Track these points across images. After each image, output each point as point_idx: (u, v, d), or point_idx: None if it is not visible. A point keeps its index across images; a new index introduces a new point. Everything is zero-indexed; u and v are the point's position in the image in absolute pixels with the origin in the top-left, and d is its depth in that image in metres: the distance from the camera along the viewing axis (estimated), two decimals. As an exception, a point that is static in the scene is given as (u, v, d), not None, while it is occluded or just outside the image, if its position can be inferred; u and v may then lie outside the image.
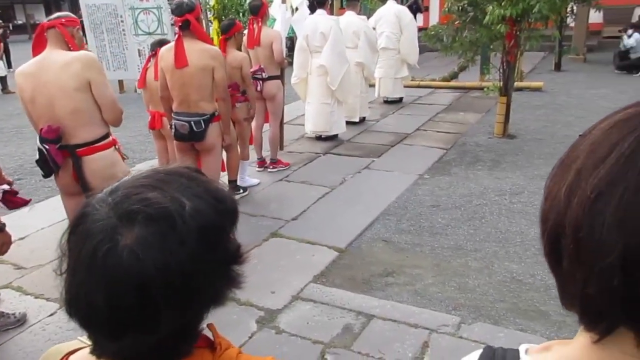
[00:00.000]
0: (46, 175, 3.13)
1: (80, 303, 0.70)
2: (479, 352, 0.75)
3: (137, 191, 0.72)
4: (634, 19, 11.91)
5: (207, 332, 0.84)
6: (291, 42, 9.02)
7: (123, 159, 3.24)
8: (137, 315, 0.68)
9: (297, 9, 6.06)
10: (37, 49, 3.01)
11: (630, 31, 10.21)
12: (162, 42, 4.38)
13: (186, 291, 0.70)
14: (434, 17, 14.33)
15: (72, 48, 2.97)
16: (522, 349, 0.74)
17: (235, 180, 4.93)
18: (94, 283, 0.68)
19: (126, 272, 0.67)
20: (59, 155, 2.97)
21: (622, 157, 0.56)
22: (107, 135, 3.08)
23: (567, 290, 0.62)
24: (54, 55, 2.90)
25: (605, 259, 0.55)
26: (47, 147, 2.94)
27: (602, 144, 0.59)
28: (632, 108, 0.62)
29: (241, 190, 4.99)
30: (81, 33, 3.15)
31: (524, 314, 3.07)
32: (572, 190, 0.59)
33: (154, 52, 4.42)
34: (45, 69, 2.88)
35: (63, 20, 2.99)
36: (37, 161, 3.06)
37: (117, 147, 3.18)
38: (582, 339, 0.65)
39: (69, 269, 0.72)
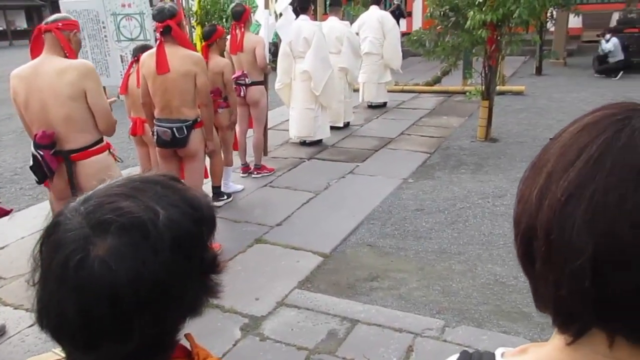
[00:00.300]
0: (40, 181, 3.13)
1: (52, 314, 0.69)
2: (455, 356, 0.75)
3: (110, 200, 0.71)
4: (612, 24, 12.13)
5: (185, 342, 0.83)
6: (275, 47, 9.02)
7: (116, 161, 3.26)
8: (110, 325, 0.67)
9: (280, 14, 6.07)
10: (35, 51, 3.01)
11: (608, 36, 10.38)
12: (144, 48, 4.35)
13: (160, 301, 0.69)
14: (417, 22, 14.45)
15: (67, 53, 2.97)
16: (498, 352, 0.74)
17: (219, 187, 4.90)
18: (66, 293, 0.67)
19: (98, 282, 0.66)
20: (54, 161, 2.98)
21: (591, 160, 0.56)
22: (101, 140, 3.10)
23: (540, 292, 0.62)
24: (50, 61, 2.90)
25: (576, 261, 0.55)
26: (41, 152, 2.94)
27: (571, 147, 0.59)
28: (601, 111, 0.63)
29: (225, 197, 4.97)
30: (80, 36, 3.13)
31: (507, 316, 3.09)
32: (543, 194, 0.60)
33: (136, 58, 4.39)
34: (40, 75, 2.88)
35: (60, 24, 2.98)
36: (30, 167, 3.06)
37: (111, 150, 3.20)
38: (556, 341, 0.66)
39: (41, 279, 0.71)
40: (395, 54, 8.31)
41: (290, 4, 5.98)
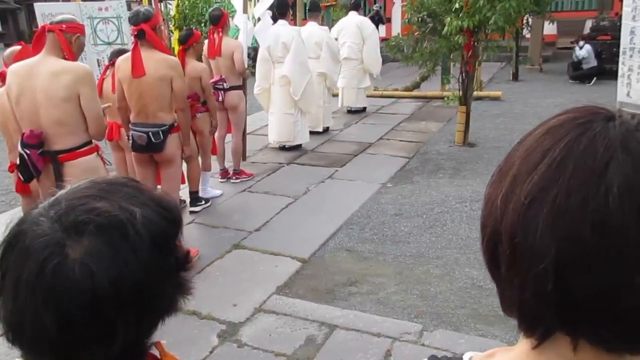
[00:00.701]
0: (26, 180, 3.11)
1: (26, 327, 0.66)
2: None
3: (82, 202, 0.69)
4: (586, 31, 12.38)
5: (155, 351, 0.81)
6: (255, 52, 9.01)
7: (104, 164, 3.26)
8: (92, 330, 0.65)
9: (259, 19, 6.06)
10: (36, 49, 3.00)
11: (581, 43, 10.59)
12: (120, 52, 4.30)
13: (141, 301, 0.68)
14: (396, 28, 14.56)
15: (67, 56, 2.96)
16: (466, 357, 0.74)
17: (197, 192, 4.86)
18: (42, 303, 0.64)
19: (78, 287, 0.64)
20: (40, 161, 2.98)
21: (554, 163, 0.56)
22: (89, 142, 3.10)
23: (506, 296, 0.62)
24: (47, 62, 2.90)
25: (539, 264, 0.55)
26: (27, 152, 2.93)
27: (535, 151, 0.59)
28: (564, 115, 0.63)
29: (203, 202, 4.92)
30: (82, 40, 3.11)
31: (484, 319, 3.11)
32: (508, 197, 0.60)
33: (111, 62, 4.33)
34: (36, 74, 2.88)
35: (64, 25, 2.97)
36: (17, 166, 3.06)
37: (99, 153, 3.19)
38: (523, 345, 0.66)
39: (8, 291, 0.67)
40: (374, 59, 8.36)
41: (269, 9, 5.98)
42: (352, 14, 8.44)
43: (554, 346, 0.60)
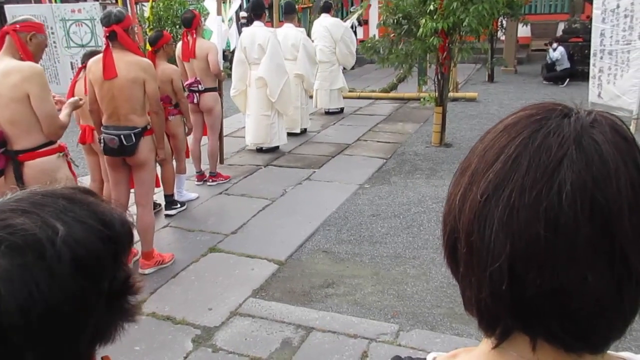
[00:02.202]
0: None
1: None
2: None
3: (2, 217, 0.63)
4: (558, 33, 12.61)
5: None
6: (231, 54, 8.96)
7: (70, 165, 3.20)
8: None
9: (230, 20, 6.02)
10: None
11: (555, 45, 10.78)
12: (93, 54, 4.21)
13: (58, 330, 0.62)
14: (374, 30, 14.63)
15: (23, 55, 2.94)
16: (430, 357, 0.73)
17: (172, 195, 4.80)
18: None
19: None
20: (1, 160, 2.97)
21: (509, 160, 0.56)
22: (51, 142, 3.06)
23: (466, 295, 0.62)
24: (1, 63, 2.90)
25: (495, 263, 0.55)
26: None
27: (492, 148, 0.59)
28: (522, 112, 0.63)
29: (178, 205, 4.86)
30: (40, 38, 3.06)
31: (460, 318, 3.13)
32: (465, 195, 0.59)
33: (84, 65, 4.25)
34: None
35: (18, 25, 2.97)
36: None
37: (63, 153, 3.14)
38: (484, 345, 0.65)
39: None
40: (346, 55, 8.39)
41: (245, 10, 5.95)
42: (323, 16, 8.45)
43: (513, 346, 0.60)
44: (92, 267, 0.65)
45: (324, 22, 8.34)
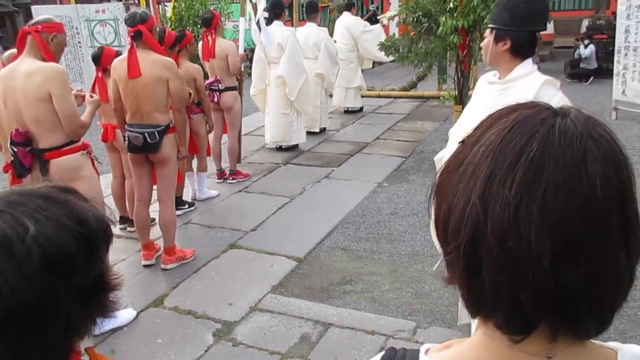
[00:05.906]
0: (17, 175, 3.17)
1: None
2: (381, 354, 0.76)
3: None
4: (582, 30, 12.39)
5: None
6: (252, 53, 9.04)
7: (94, 163, 3.28)
8: None
9: (258, 21, 6.07)
10: (19, 52, 3.08)
11: (586, 41, 10.58)
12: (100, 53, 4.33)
13: (27, 322, 0.64)
14: (393, 28, 14.57)
15: (44, 56, 3.02)
16: (423, 349, 0.75)
17: (180, 196, 4.83)
18: None
19: None
20: (27, 158, 3.06)
21: (534, 159, 0.56)
22: (74, 141, 3.14)
23: (485, 298, 0.60)
24: (25, 63, 2.98)
25: (537, 262, 0.55)
26: (15, 149, 3.03)
27: (507, 149, 0.58)
28: (517, 111, 0.62)
29: (186, 206, 4.90)
30: (61, 38, 3.14)
31: (478, 316, 3.13)
32: (487, 199, 0.58)
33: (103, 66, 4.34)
34: (14, 76, 2.97)
35: (39, 26, 3.03)
36: (12, 162, 3.15)
37: (87, 151, 3.22)
38: (476, 336, 0.68)
39: None
40: (367, 53, 8.39)
41: (264, 9, 5.99)
42: (345, 15, 8.49)
43: (503, 337, 0.62)
44: (63, 264, 0.67)
45: (344, 21, 8.36)
